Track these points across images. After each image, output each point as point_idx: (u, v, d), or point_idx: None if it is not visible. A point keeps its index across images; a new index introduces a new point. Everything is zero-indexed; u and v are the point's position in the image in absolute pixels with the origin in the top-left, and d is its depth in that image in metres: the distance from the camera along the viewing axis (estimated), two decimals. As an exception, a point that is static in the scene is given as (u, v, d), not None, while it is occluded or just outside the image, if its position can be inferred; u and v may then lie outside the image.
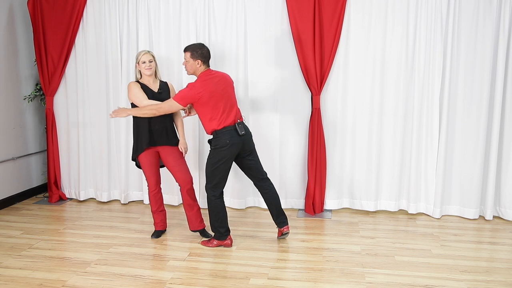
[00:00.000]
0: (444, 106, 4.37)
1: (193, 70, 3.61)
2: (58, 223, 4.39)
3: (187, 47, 3.61)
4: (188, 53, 3.58)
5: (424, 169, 4.51)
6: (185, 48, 3.62)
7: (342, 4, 4.32)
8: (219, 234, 3.74)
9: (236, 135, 3.59)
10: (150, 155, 3.83)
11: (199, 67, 3.59)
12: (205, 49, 3.60)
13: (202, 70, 3.61)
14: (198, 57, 3.57)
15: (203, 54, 3.58)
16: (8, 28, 4.85)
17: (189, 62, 3.59)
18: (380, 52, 4.42)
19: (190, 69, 3.62)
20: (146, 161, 3.83)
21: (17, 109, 5.01)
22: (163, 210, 4.01)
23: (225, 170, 3.64)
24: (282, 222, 3.83)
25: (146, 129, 3.77)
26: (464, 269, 3.35)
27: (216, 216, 3.69)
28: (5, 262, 3.47)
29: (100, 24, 4.80)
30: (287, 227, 3.84)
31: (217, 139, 3.58)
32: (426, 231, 4.15)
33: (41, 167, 5.39)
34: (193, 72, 3.63)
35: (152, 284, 3.11)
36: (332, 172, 4.66)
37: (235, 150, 3.60)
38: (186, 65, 3.63)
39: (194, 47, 3.58)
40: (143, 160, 3.82)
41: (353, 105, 4.54)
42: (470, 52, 4.30)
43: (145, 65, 3.76)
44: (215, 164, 3.60)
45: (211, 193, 3.68)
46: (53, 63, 4.87)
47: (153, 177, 3.87)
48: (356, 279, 3.19)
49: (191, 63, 3.58)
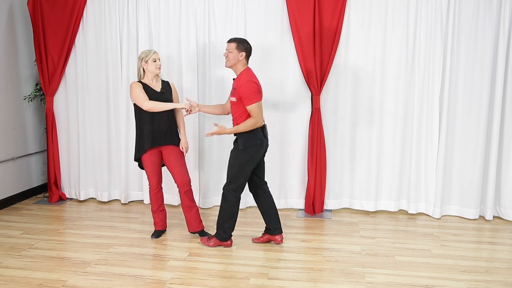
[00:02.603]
0: (444, 106, 4.37)
1: (235, 61, 3.54)
2: (58, 223, 4.39)
3: (233, 38, 3.57)
4: (234, 44, 3.53)
5: (424, 169, 4.51)
6: (230, 39, 3.57)
7: (342, 4, 4.32)
8: (225, 236, 3.71)
9: (263, 137, 3.60)
10: (153, 154, 3.82)
11: (241, 59, 3.54)
12: (250, 45, 3.59)
13: (243, 65, 3.57)
14: (243, 50, 3.53)
15: (248, 48, 3.56)
16: (8, 28, 4.85)
17: (233, 52, 3.52)
18: (380, 52, 4.43)
19: (233, 60, 3.54)
20: (149, 161, 3.82)
21: (17, 109, 5.01)
22: (163, 210, 4.01)
23: (250, 171, 3.62)
24: (279, 228, 3.79)
25: (150, 128, 3.76)
26: (464, 269, 3.35)
27: (230, 217, 3.67)
28: (5, 262, 3.47)
29: (100, 24, 4.80)
30: (282, 237, 3.82)
31: (247, 139, 3.54)
32: (426, 231, 4.15)
33: (41, 167, 5.39)
34: (233, 64, 3.56)
35: (152, 284, 3.11)
36: (332, 172, 4.66)
37: (262, 151, 3.61)
38: (228, 55, 3.54)
39: (241, 39, 3.55)
40: (146, 159, 3.81)
41: (353, 105, 4.54)
42: (470, 52, 4.30)
43: (156, 64, 3.76)
44: (243, 165, 3.57)
45: (233, 194, 3.63)
46: (53, 63, 4.87)
47: (155, 177, 3.87)
48: (356, 279, 3.19)
49: (235, 54, 3.52)
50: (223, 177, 4.77)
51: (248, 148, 3.55)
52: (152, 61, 3.75)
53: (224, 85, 4.64)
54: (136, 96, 3.70)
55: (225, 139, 4.71)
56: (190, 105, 3.75)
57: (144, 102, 3.66)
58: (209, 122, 4.70)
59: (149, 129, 3.76)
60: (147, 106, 3.66)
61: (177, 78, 4.69)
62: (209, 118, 4.69)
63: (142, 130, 3.78)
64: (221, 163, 4.77)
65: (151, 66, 3.75)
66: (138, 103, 3.70)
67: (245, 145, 3.55)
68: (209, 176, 4.80)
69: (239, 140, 3.58)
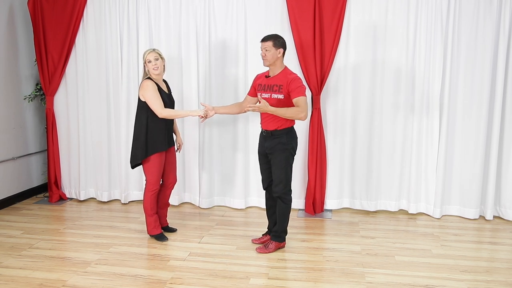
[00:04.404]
0: (444, 106, 4.37)
1: (274, 59, 3.47)
2: (58, 223, 4.39)
3: (268, 36, 3.48)
4: (271, 42, 3.45)
5: (425, 169, 4.51)
6: (265, 38, 3.48)
7: (342, 4, 4.32)
8: (285, 236, 3.69)
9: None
10: (162, 155, 3.77)
11: (280, 56, 3.48)
12: (284, 39, 3.52)
13: (281, 62, 3.52)
14: (280, 46, 3.47)
15: (284, 44, 3.50)
16: (9, 28, 4.85)
17: (270, 51, 3.45)
18: (381, 52, 4.43)
19: (272, 58, 3.46)
20: (158, 161, 3.74)
21: (18, 109, 5.01)
22: (157, 211, 3.95)
23: None
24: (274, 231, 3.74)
25: (164, 129, 3.72)
26: (464, 269, 3.35)
27: (288, 219, 3.65)
28: (5, 262, 3.47)
29: (100, 24, 4.80)
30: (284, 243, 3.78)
31: (290, 136, 3.52)
32: (426, 231, 4.15)
33: (41, 167, 5.39)
34: (273, 62, 3.48)
35: (153, 284, 3.11)
36: (332, 172, 4.65)
37: None
38: (266, 54, 3.46)
39: (276, 36, 3.48)
40: (156, 159, 3.72)
41: (353, 105, 4.54)
42: (470, 52, 4.30)
43: (152, 64, 3.63)
44: (291, 163, 3.56)
45: (289, 195, 3.59)
46: (54, 63, 4.87)
47: (160, 177, 3.81)
48: (356, 279, 3.19)
49: (273, 52, 3.45)
50: (224, 176, 4.78)
51: (292, 146, 3.54)
52: (147, 62, 3.65)
53: (225, 84, 4.64)
54: (151, 100, 3.59)
55: (226, 138, 4.71)
56: (206, 110, 3.68)
57: (159, 110, 3.58)
58: (209, 121, 4.69)
59: (161, 129, 3.70)
60: (162, 115, 3.60)
61: (177, 78, 4.69)
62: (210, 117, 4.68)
63: (153, 131, 3.67)
64: (221, 163, 4.77)
65: (148, 67, 3.66)
66: (153, 108, 3.60)
67: (289, 143, 3.51)
68: (210, 176, 4.80)
69: (283, 139, 3.49)
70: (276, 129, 3.51)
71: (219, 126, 4.72)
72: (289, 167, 3.56)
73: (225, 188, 4.84)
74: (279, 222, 3.64)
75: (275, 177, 3.58)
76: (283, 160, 3.52)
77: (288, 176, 3.57)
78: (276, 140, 3.52)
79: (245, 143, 4.70)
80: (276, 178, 3.57)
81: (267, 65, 3.53)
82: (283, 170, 3.53)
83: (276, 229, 3.66)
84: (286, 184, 3.56)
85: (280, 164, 3.52)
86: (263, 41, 3.49)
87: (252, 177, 4.77)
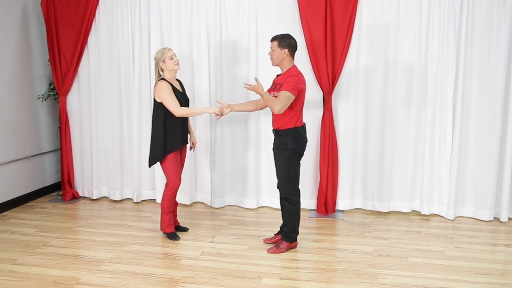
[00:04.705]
0: (457, 107, 4.32)
1: (279, 60, 3.50)
2: (71, 221, 4.43)
3: (275, 36, 3.52)
4: (276, 42, 3.49)
5: (438, 170, 4.47)
6: (273, 38, 3.52)
7: (353, 4, 4.29)
8: (295, 236, 3.68)
9: (305, 135, 3.61)
10: (177, 153, 3.82)
11: (285, 56, 3.49)
12: (293, 39, 3.52)
13: (289, 61, 3.52)
14: (286, 46, 3.48)
15: (291, 44, 3.50)
16: (22, 28, 4.90)
17: (275, 51, 3.49)
18: (393, 51, 4.39)
19: (277, 59, 3.51)
20: (174, 160, 3.79)
21: (31, 109, 5.06)
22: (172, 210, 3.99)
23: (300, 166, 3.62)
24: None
25: (180, 129, 3.78)
26: (478, 271, 3.31)
27: (299, 219, 3.65)
28: (20, 259, 3.51)
29: (112, 24, 4.83)
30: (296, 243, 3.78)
31: (296, 136, 3.51)
32: (439, 232, 4.12)
33: (55, 166, 5.44)
34: (279, 63, 3.52)
35: (165, 283, 3.12)
36: (344, 172, 4.63)
37: (305, 147, 3.61)
38: (272, 54, 3.52)
39: (282, 36, 3.51)
40: (172, 158, 3.77)
41: (365, 105, 4.51)
42: (483, 51, 4.25)
43: (174, 60, 3.71)
44: (295, 164, 3.54)
45: (295, 194, 3.59)
46: (66, 63, 4.91)
47: (179, 173, 3.86)
48: (369, 280, 3.17)
49: (278, 52, 3.48)
50: (235, 176, 4.78)
51: (298, 146, 3.53)
52: (169, 58, 3.70)
53: (236, 83, 4.64)
54: (167, 100, 3.64)
55: (237, 137, 4.72)
56: (221, 108, 3.70)
57: (176, 109, 3.63)
58: (220, 120, 4.70)
59: (178, 128, 3.76)
60: (178, 114, 3.65)
61: (189, 77, 4.71)
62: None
63: (168, 129, 3.73)
64: (233, 162, 4.78)
65: (169, 64, 3.70)
66: (169, 108, 3.65)
67: (295, 143, 3.51)
68: (221, 176, 4.80)
69: (287, 139, 3.50)
70: (279, 128, 3.53)
71: (230, 125, 4.72)
72: (291, 168, 3.54)
73: (236, 187, 4.84)
74: (287, 222, 3.65)
75: (277, 176, 3.63)
76: (284, 160, 3.53)
77: (291, 176, 3.55)
78: (279, 139, 3.55)
79: (256, 142, 4.70)
80: (278, 177, 3.62)
81: (273, 65, 3.58)
82: (285, 170, 3.54)
83: (285, 230, 3.67)
84: (289, 185, 3.56)
85: (281, 163, 3.55)
86: (271, 41, 3.55)
87: (263, 177, 4.77)
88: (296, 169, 3.57)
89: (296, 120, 3.50)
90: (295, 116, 3.50)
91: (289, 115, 3.48)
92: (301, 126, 3.56)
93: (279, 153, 3.56)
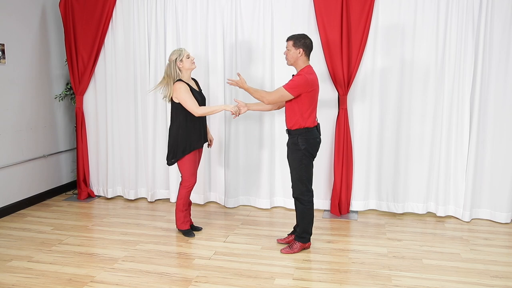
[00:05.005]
0: (475, 107, 4.26)
1: (294, 59, 3.51)
2: (86, 219, 4.48)
3: (291, 36, 3.53)
4: (291, 42, 3.50)
5: (454, 171, 4.42)
6: (289, 37, 3.54)
7: (370, 4, 4.26)
8: (309, 236, 3.69)
9: (319, 135, 3.60)
10: (196, 152, 3.86)
11: (300, 56, 3.49)
12: (308, 40, 3.53)
13: (304, 61, 3.52)
14: (301, 46, 3.48)
15: (306, 44, 3.50)
16: (41, 29, 4.98)
17: (290, 51, 3.50)
18: (409, 51, 4.35)
19: (292, 58, 3.52)
20: (193, 158, 3.84)
21: (49, 108, 5.14)
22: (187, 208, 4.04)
23: (313, 167, 3.62)
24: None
25: (199, 127, 3.82)
26: (495, 274, 3.26)
27: (311, 218, 3.64)
28: (36, 257, 3.56)
29: (128, 24, 4.88)
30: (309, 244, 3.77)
31: (308, 137, 3.50)
32: (455, 234, 4.06)
33: (71, 165, 5.51)
34: (294, 62, 3.53)
35: (178, 282, 3.14)
36: (358, 173, 4.60)
37: (318, 148, 3.61)
38: (287, 54, 3.53)
39: (298, 36, 3.51)
40: (190, 157, 3.82)
41: (380, 105, 4.48)
42: (503, 51, 4.18)
43: (191, 59, 3.78)
44: (308, 164, 3.54)
45: (308, 195, 3.59)
46: (83, 63, 4.97)
47: (195, 172, 3.89)
48: (383, 281, 3.14)
49: (293, 52, 3.49)
50: (249, 176, 4.78)
51: (310, 146, 3.52)
52: (186, 58, 3.75)
53: (251, 83, 4.63)
54: (185, 101, 3.69)
55: (251, 137, 4.72)
56: (238, 106, 3.73)
57: (195, 109, 3.68)
58: (234, 120, 4.71)
59: (197, 127, 3.80)
60: (198, 113, 3.70)
61: (204, 77, 4.72)
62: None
63: (188, 129, 3.77)
64: (247, 162, 4.78)
65: (187, 63, 3.75)
66: (188, 109, 3.70)
67: (306, 143, 3.50)
68: (235, 176, 4.81)
69: (299, 140, 3.50)
70: (291, 128, 3.53)
71: (244, 124, 4.73)
72: (304, 168, 3.53)
73: (250, 187, 4.84)
74: (300, 223, 3.64)
75: (291, 177, 3.62)
76: (296, 160, 3.54)
77: (303, 177, 3.54)
78: (291, 140, 3.56)
79: (271, 141, 4.69)
80: (291, 178, 3.62)
81: (288, 64, 3.59)
82: (297, 171, 3.55)
83: (298, 230, 3.67)
84: (302, 185, 3.56)
85: (293, 164, 3.56)
86: (286, 41, 3.57)
87: (277, 177, 4.76)
88: (309, 170, 3.56)
89: (307, 120, 3.49)
90: (306, 116, 3.48)
91: (299, 114, 3.48)
92: (314, 127, 3.54)
93: (292, 154, 3.56)
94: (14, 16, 4.60)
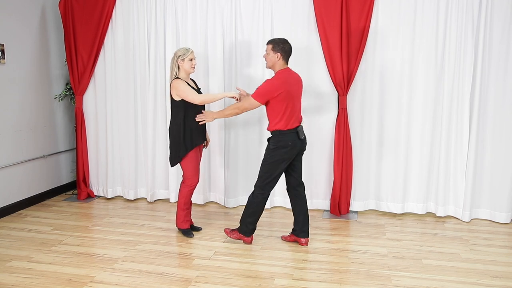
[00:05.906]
0: (474, 107, 4.26)
1: (272, 63, 3.58)
2: (86, 220, 4.48)
3: (271, 40, 3.60)
4: (270, 46, 3.56)
5: (454, 171, 4.42)
6: (269, 41, 3.60)
7: (370, 4, 4.26)
8: (246, 229, 3.75)
9: (297, 138, 3.60)
10: (196, 151, 3.88)
11: (278, 60, 3.55)
12: (288, 45, 3.57)
13: (281, 65, 3.58)
14: (279, 51, 3.53)
15: (284, 49, 3.55)
16: (40, 29, 4.98)
17: (269, 54, 3.56)
18: (409, 51, 4.35)
19: (270, 62, 3.59)
20: (194, 157, 3.86)
21: (48, 108, 5.14)
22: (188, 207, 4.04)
23: (280, 171, 3.63)
24: (306, 232, 3.78)
25: (197, 125, 3.82)
26: (495, 274, 3.26)
27: (253, 212, 3.70)
28: (36, 257, 3.56)
29: (128, 25, 4.87)
30: (308, 241, 3.80)
31: (279, 139, 3.56)
32: (454, 234, 4.07)
33: (71, 165, 5.51)
34: (272, 66, 3.59)
35: (178, 282, 3.14)
36: (358, 173, 4.60)
37: (294, 152, 3.61)
38: (266, 57, 3.60)
39: (277, 41, 3.57)
40: (192, 156, 3.83)
41: (380, 105, 4.48)
42: (502, 51, 4.18)
43: (192, 63, 3.80)
44: (273, 164, 3.59)
45: (259, 190, 3.66)
46: (83, 63, 4.97)
47: (197, 171, 3.90)
48: (382, 282, 3.14)
49: (271, 55, 3.55)
50: (249, 176, 4.78)
51: (279, 149, 3.56)
52: (188, 59, 3.77)
53: (250, 84, 4.64)
54: (184, 92, 3.70)
55: (251, 137, 4.72)
56: (240, 94, 3.78)
57: (195, 97, 3.69)
58: (234, 120, 4.71)
59: (196, 126, 3.81)
60: (199, 100, 3.69)
61: (203, 77, 4.72)
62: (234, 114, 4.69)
63: (188, 126, 3.79)
64: (246, 162, 4.78)
65: (186, 65, 3.76)
66: (189, 98, 3.69)
67: (276, 145, 3.56)
68: (234, 175, 4.81)
69: (271, 140, 3.62)
70: (267, 129, 3.64)
71: (244, 125, 4.72)
72: (267, 166, 3.61)
73: (250, 187, 4.83)
74: (244, 210, 3.74)
75: None
76: (265, 156, 3.65)
77: (265, 175, 3.63)
78: (269, 140, 3.68)
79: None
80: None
81: (267, 67, 3.67)
82: (262, 165, 3.65)
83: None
84: (261, 179, 3.65)
85: (262, 160, 3.68)
86: (266, 44, 3.63)
87: (277, 177, 4.76)
88: (272, 170, 3.61)
89: (278, 123, 3.54)
90: (278, 119, 3.53)
91: (272, 117, 3.57)
92: (288, 130, 3.55)
93: (266, 150, 3.68)
94: (14, 16, 4.60)
